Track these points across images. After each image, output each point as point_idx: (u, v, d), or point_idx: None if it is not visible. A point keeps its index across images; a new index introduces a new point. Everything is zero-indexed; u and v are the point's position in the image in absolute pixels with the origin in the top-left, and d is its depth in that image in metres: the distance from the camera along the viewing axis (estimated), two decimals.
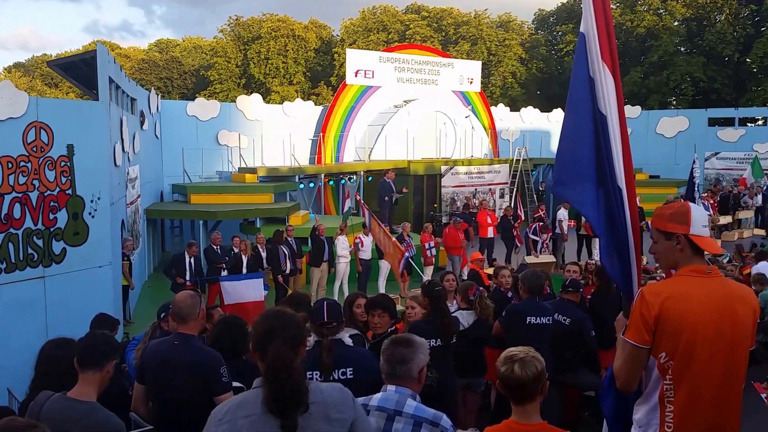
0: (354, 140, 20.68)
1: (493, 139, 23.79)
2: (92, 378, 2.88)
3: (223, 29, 48.87)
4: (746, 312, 2.48)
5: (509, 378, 2.41)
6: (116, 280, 9.72)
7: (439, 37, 42.55)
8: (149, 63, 45.86)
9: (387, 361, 2.59)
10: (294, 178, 17.06)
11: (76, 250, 8.72)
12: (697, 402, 2.45)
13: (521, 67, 40.93)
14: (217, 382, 3.27)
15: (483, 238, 14.77)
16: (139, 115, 14.05)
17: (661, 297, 2.46)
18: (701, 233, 2.54)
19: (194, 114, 18.46)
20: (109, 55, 10.46)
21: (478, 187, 20.00)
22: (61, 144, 8.46)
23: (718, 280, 2.53)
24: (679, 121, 25.23)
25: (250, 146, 18.90)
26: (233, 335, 3.85)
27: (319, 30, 47.42)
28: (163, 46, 54.72)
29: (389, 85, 21.38)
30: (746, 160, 21.68)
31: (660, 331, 2.45)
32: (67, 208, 8.61)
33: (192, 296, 3.49)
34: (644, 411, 2.59)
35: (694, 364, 2.43)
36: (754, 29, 32.81)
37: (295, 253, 12.00)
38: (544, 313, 5.25)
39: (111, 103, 9.75)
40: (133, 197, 12.44)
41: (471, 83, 23.50)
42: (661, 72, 33.04)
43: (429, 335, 4.35)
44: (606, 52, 3.23)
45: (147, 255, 14.74)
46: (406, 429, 2.42)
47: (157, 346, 3.50)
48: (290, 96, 38.06)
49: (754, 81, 33.22)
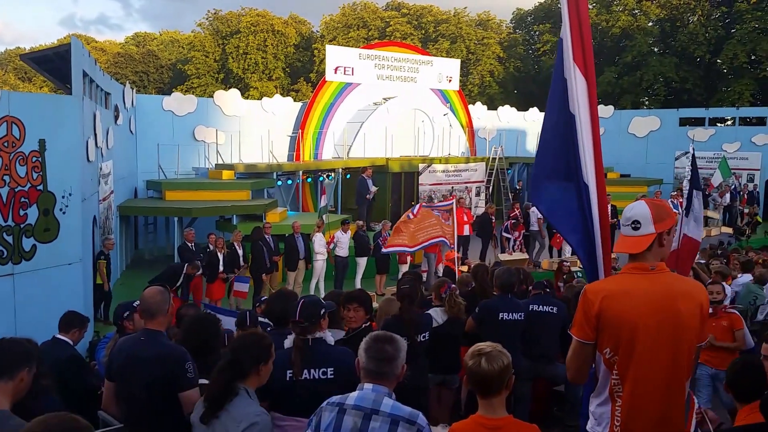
0: (333, 137, 20.65)
1: (471, 137, 23.97)
2: (3, 387, 2.65)
3: (201, 23, 48.31)
4: (690, 307, 2.50)
5: (476, 372, 2.45)
6: (87, 278, 9.57)
7: (418, 35, 42.65)
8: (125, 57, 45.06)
9: (373, 359, 2.54)
10: (272, 175, 16.98)
11: (46, 246, 8.57)
12: (642, 396, 2.49)
13: (499, 65, 41.27)
14: (182, 378, 3.22)
15: (459, 236, 14.85)
16: (114, 110, 13.85)
17: (600, 295, 2.52)
18: (623, 231, 2.62)
19: (170, 109, 18.21)
20: (84, 49, 10.32)
21: (454, 185, 20.15)
22: (33, 139, 8.30)
23: (663, 277, 2.55)
24: (650, 120, 25.67)
25: (227, 142, 18.75)
26: (204, 332, 3.80)
27: (299, 26, 47.13)
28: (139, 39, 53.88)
29: (369, 82, 21.39)
30: (715, 159, 22.18)
31: (602, 328, 2.51)
32: (38, 204, 8.45)
33: (161, 292, 3.45)
34: (596, 404, 2.66)
35: (636, 359, 2.47)
36: (725, 31, 33.54)
37: (272, 250, 11.97)
38: (515, 309, 5.35)
39: (84, 97, 9.63)
40: (105, 193, 12.27)
41: (450, 81, 23.63)
42: (634, 72, 33.60)
43: (401, 332, 4.40)
44: (578, 54, 3.34)
45: (120, 253, 14.53)
46: (383, 428, 2.42)
47: (123, 343, 3.49)
48: (269, 92, 37.79)
49: (724, 82, 33.96)
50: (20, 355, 2.73)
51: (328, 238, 12.48)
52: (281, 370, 3.14)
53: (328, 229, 12.80)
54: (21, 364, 2.69)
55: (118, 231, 14.21)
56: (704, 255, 12.13)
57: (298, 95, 39.02)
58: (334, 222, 13.74)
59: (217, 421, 2.73)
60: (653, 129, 25.34)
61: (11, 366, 2.67)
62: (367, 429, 2.42)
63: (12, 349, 2.73)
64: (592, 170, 3.35)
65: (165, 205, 14.85)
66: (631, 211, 2.61)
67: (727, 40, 32.43)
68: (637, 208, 2.61)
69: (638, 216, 2.57)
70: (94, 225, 10.84)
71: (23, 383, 2.69)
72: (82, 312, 5.74)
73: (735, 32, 32.50)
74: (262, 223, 12.65)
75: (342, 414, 2.45)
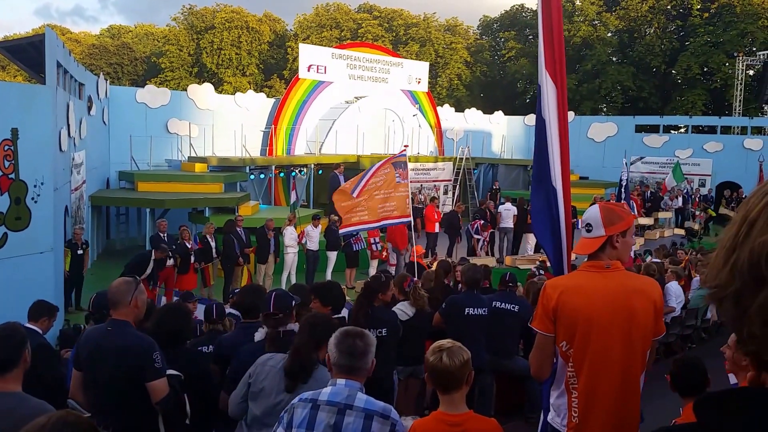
0: (305, 133, 20.95)
1: (439, 137, 24.55)
2: (16, 374, 2.73)
3: (176, 17, 47.95)
4: (644, 304, 2.58)
5: (437, 367, 2.49)
6: (58, 267, 9.61)
7: (389, 37, 43.22)
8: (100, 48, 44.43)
9: (345, 354, 2.53)
10: (245, 169, 17.16)
11: (17, 235, 8.61)
12: (596, 389, 2.57)
13: (466, 70, 42.22)
14: (149, 368, 3.20)
15: (429, 233, 15.29)
16: (87, 101, 13.91)
17: (558, 290, 2.64)
18: (581, 233, 2.76)
19: (143, 101, 18.26)
20: (58, 40, 10.39)
21: (423, 183, 20.62)
22: (6, 127, 8.35)
23: (617, 274, 2.64)
24: (608, 126, 26.67)
25: (200, 136, 18.86)
26: (176, 322, 3.77)
27: (273, 23, 47.17)
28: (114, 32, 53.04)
29: (341, 81, 21.75)
30: (668, 164, 23.19)
31: (558, 321, 2.62)
32: (10, 193, 8.48)
33: (126, 282, 3.41)
34: (555, 396, 2.75)
35: (590, 352, 2.56)
36: (680, 43, 35.05)
37: (243, 243, 12.18)
38: (480, 305, 5.48)
39: (58, 87, 9.68)
40: (78, 183, 12.33)
41: (419, 83, 24.17)
42: (593, 80, 34.76)
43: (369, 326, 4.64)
44: (549, 61, 3.53)
45: (91, 242, 14.57)
46: (357, 422, 2.41)
47: (90, 333, 3.47)
48: (243, 87, 37.76)
49: (678, 91, 35.47)
50: (19, 339, 2.79)
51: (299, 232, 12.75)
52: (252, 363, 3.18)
53: (299, 224, 13.08)
54: (22, 348, 2.77)
55: (90, 221, 14.25)
56: (659, 254, 12.51)
57: (272, 91, 39.07)
58: (305, 216, 14.03)
59: (305, 385, 2.89)
60: (610, 135, 26.33)
61: (15, 355, 2.74)
62: (341, 424, 2.40)
63: (10, 339, 2.78)
64: (559, 174, 3.52)
65: (138, 196, 14.91)
66: (586, 214, 2.75)
67: (681, 52, 33.95)
68: (591, 212, 2.72)
69: (590, 219, 2.69)
70: (66, 214, 10.92)
71: (27, 362, 2.80)
72: (53, 301, 5.71)
73: (689, 45, 34.03)
74: (234, 216, 12.86)
75: (315, 410, 2.44)
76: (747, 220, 0.84)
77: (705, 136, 26.53)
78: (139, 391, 3.22)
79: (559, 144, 3.53)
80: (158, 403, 3.23)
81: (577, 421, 2.61)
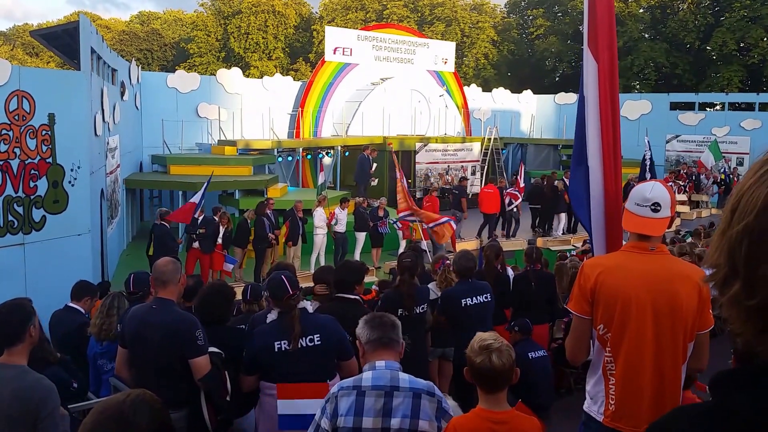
0: (332, 116, 20.97)
1: (466, 118, 24.29)
2: (20, 349, 2.82)
3: (203, 3, 48.11)
4: (688, 290, 2.44)
5: (486, 368, 2.35)
6: (95, 248, 9.81)
7: (415, 18, 42.71)
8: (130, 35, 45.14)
9: (377, 327, 2.56)
10: (273, 152, 17.30)
11: (55, 217, 8.86)
12: (634, 375, 2.47)
13: (493, 49, 41.50)
14: (191, 345, 3.29)
15: (487, 214, 14.74)
16: (120, 86, 14.12)
17: (597, 270, 2.53)
18: (632, 210, 2.57)
19: (174, 86, 18.49)
20: (92, 26, 10.52)
21: (450, 164, 20.50)
22: (43, 113, 8.56)
23: (662, 257, 2.53)
24: (642, 104, 26.00)
25: (229, 119, 19.06)
26: (218, 302, 3.86)
27: (299, 7, 47.16)
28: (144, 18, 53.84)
29: (367, 63, 21.65)
30: (705, 143, 22.51)
31: (596, 303, 2.51)
32: (48, 177, 8.72)
33: (174, 262, 3.53)
34: (593, 383, 2.64)
35: (629, 336, 2.46)
36: (714, 18, 33.75)
37: (273, 225, 12.32)
38: (480, 292, 5.19)
39: (92, 73, 9.81)
40: (112, 167, 12.59)
41: (445, 63, 23.89)
42: (625, 57, 33.80)
43: (398, 304, 4.71)
44: (592, 38, 3.46)
45: (125, 224, 14.94)
46: (406, 402, 2.41)
47: (136, 311, 3.56)
48: (269, 71, 37.91)
49: (714, 68, 34.25)
50: (23, 315, 2.85)
51: (329, 214, 12.84)
52: (268, 343, 3.32)
53: (327, 205, 13.17)
54: (26, 323, 2.83)
55: (125, 203, 14.59)
56: (696, 237, 11.92)
57: (298, 75, 39.13)
58: (332, 198, 14.11)
59: None
60: (644, 112, 25.68)
61: (20, 329, 2.81)
62: (391, 406, 2.40)
63: (15, 314, 2.84)
64: (595, 152, 3.43)
65: (170, 179, 15.22)
66: (650, 192, 2.55)
67: (716, 27, 32.67)
68: (657, 189, 2.55)
69: (659, 199, 2.52)
70: (101, 197, 11.19)
71: (33, 338, 2.86)
72: (92, 282, 6.01)
73: (724, 20, 32.75)
74: (265, 199, 12.99)
75: (362, 396, 2.42)
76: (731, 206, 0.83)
77: (742, 113, 25.57)
78: (183, 367, 3.31)
79: (598, 121, 3.43)
80: (201, 379, 3.30)
81: (614, 408, 2.51)
